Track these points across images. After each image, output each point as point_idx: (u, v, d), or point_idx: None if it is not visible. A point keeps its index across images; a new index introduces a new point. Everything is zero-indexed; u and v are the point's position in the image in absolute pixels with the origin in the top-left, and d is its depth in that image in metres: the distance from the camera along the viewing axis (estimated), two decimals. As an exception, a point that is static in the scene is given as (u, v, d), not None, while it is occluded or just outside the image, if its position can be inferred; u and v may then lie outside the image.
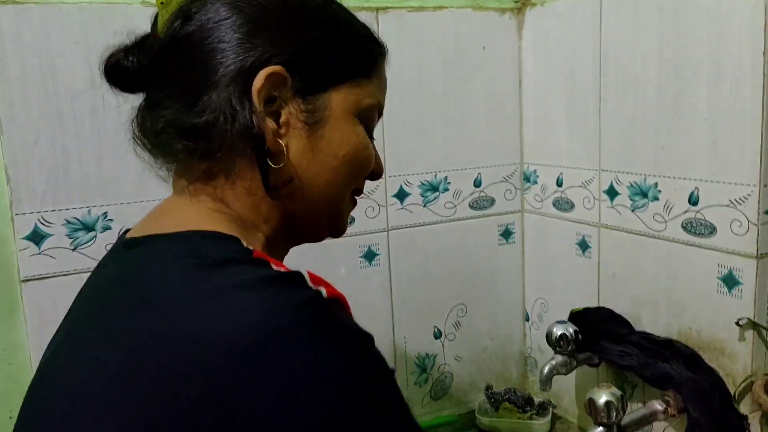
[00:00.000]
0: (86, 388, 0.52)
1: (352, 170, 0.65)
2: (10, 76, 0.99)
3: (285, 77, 0.58)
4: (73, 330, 0.59)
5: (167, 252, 0.56)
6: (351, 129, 0.63)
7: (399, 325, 1.35)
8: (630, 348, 1.13)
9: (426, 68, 1.31)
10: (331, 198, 0.65)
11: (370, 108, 0.65)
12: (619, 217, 1.20)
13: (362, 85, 0.64)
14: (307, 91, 0.60)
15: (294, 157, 0.61)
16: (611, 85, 1.18)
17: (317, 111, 0.61)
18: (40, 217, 1.04)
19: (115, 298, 0.55)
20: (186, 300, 0.50)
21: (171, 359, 0.47)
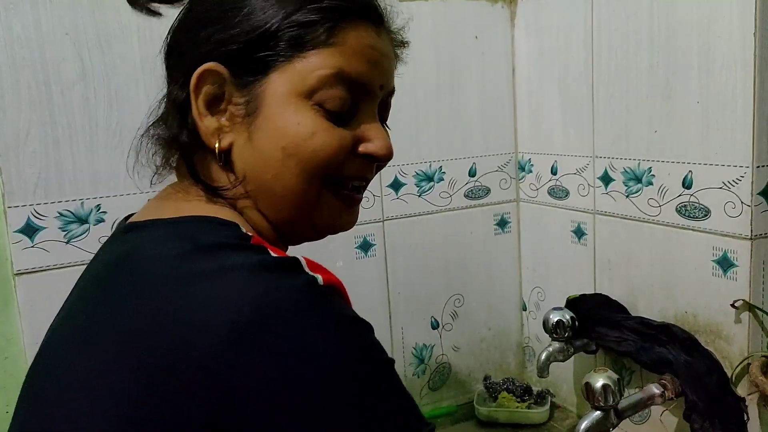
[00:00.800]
0: (81, 371, 0.52)
1: (300, 163, 0.57)
2: (1, 67, 0.99)
3: (219, 72, 0.56)
4: (69, 315, 0.58)
5: (164, 236, 0.55)
6: (291, 116, 0.56)
7: (396, 316, 1.35)
8: (627, 333, 1.13)
9: (419, 58, 1.30)
10: (290, 194, 0.58)
11: (325, 81, 0.56)
12: (614, 203, 1.20)
13: (310, 58, 0.56)
14: (244, 82, 0.57)
15: (239, 152, 0.58)
16: (603, 72, 1.18)
17: (254, 101, 0.57)
18: (33, 209, 1.03)
19: (110, 282, 0.55)
20: (178, 283, 0.49)
21: (162, 342, 0.47)
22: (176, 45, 0.60)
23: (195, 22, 0.59)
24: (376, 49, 0.59)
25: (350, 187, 0.61)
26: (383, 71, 0.60)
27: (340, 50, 0.57)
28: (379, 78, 0.60)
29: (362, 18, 0.59)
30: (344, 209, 0.62)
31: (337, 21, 0.57)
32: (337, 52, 0.57)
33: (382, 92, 0.61)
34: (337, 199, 0.60)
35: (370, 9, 0.60)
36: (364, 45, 0.58)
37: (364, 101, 0.60)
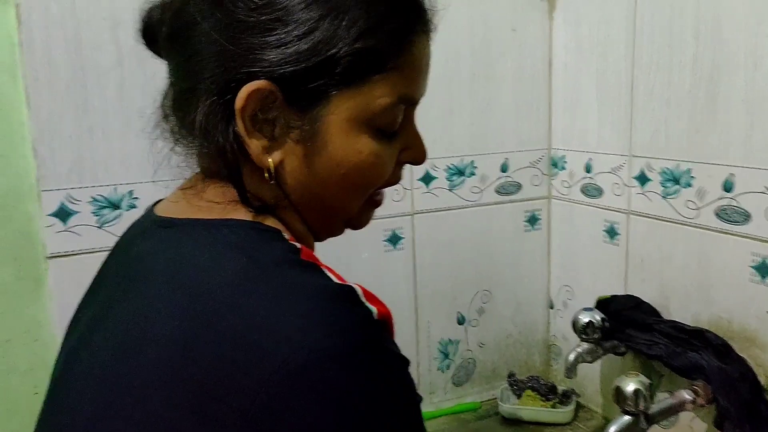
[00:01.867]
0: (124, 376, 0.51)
1: (356, 185, 0.58)
2: (36, 49, 0.99)
3: (271, 91, 0.52)
4: (109, 311, 0.57)
5: (212, 243, 0.54)
6: (352, 145, 0.55)
7: (422, 310, 1.34)
8: (658, 337, 1.11)
9: (453, 51, 1.28)
10: (339, 207, 0.60)
11: (385, 109, 0.54)
12: (650, 203, 1.17)
13: (373, 84, 0.54)
14: (299, 106, 0.53)
15: (292, 172, 0.56)
16: (644, 67, 1.15)
17: (312, 127, 0.54)
18: (67, 194, 1.04)
19: (155, 289, 0.53)
20: (241, 305, 0.48)
21: (220, 365, 0.46)
22: (211, 42, 0.53)
23: (239, 22, 0.52)
24: (428, 60, 0.58)
25: (381, 192, 0.62)
26: (428, 79, 0.60)
27: (403, 73, 0.55)
28: (425, 87, 0.60)
29: (422, 31, 0.57)
30: (372, 209, 0.64)
31: (402, 43, 0.54)
32: (400, 76, 0.55)
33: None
34: (370, 204, 0.62)
35: (429, 21, 0.58)
36: (422, 60, 0.57)
37: (411, 111, 0.60)
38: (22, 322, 1.06)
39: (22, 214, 1.03)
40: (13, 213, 1.03)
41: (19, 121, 1.01)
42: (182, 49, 0.56)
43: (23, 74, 0.99)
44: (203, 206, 0.57)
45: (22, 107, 1.00)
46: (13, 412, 1.06)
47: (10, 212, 1.03)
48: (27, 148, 1.01)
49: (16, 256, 1.04)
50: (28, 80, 0.99)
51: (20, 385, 1.07)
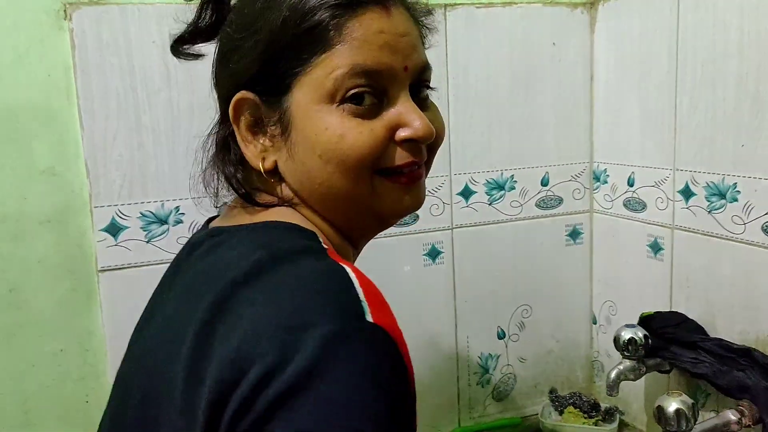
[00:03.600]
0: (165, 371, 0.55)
1: (340, 164, 0.58)
2: (91, 73, 1.04)
3: (250, 99, 0.60)
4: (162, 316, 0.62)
5: (245, 242, 0.58)
6: (318, 123, 0.57)
7: (462, 324, 1.34)
8: (703, 355, 1.08)
9: (494, 65, 1.29)
10: (343, 194, 0.60)
11: (341, 81, 0.56)
12: (695, 218, 1.15)
13: (321, 63, 0.57)
14: (272, 101, 0.60)
15: (286, 168, 0.61)
16: (688, 80, 1.14)
17: (284, 117, 0.59)
18: (117, 210, 1.08)
19: (198, 289, 0.57)
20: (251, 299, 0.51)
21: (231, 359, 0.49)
22: (215, 78, 0.65)
23: (223, 53, 0.63)
24: (387, 32, 0.58)
25: (406, 173, 0.61)
26: (402, 52, 0.58)
27: (349, 46, 0.56)
28: (400, 60, 0.58)
29: (366, 4, 0.57)
30: (405, 191, 0.61)
31: (340, 17, 0.56)
32: (347, 48, 0.56)
33: (409, 72, 0.59)
34: (394, 183, 0.61)
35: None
36: (373, 32, 0.57)
37: (392, 87, 0.59)
38: (75, 333, 1.10)
39: (76, 229, 1.08)
40: (68, 228, 1.08)
41: (73, 141, 1.06)
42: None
43: (77, 96, 1.04)
44: (250, 214, 0.62)
45: (76, 127, 1.05)
46: (66, 418, 1.11)
47: (65, 227, 1.07)
48: (80, 166, 1.06)
49: (71, 269, 1.09)
50: (82, 102, 1.04)
51: (73, 392, 1.11)
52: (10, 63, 1.01)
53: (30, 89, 1.02)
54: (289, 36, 0.57)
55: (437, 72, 1.22)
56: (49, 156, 1.05)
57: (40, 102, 1.03)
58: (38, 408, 1.09)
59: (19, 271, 1.06)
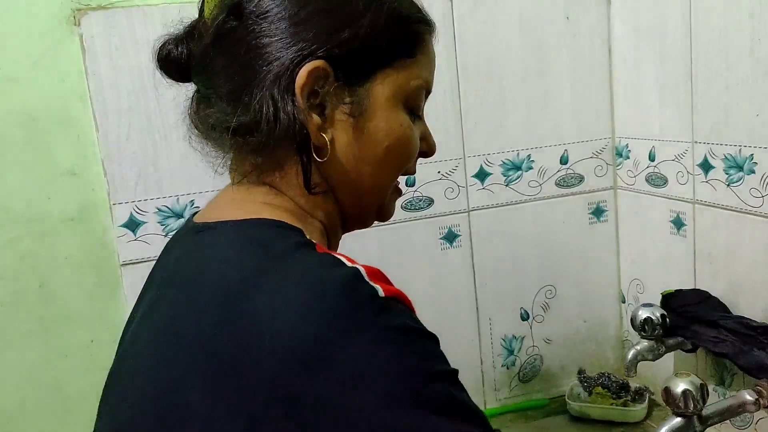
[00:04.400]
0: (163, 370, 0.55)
1: (397, 160, 0.64)
2: (102, 76, 1.08)
3: (327, 71, 0.58)
4: (149, 315, 0.62)
5: (235, 240, 0.58)
6: (395, 118, 0.62)
7: (483, 307, 1.34)
8: (724, 333, 1.04)
9: (504, 42, 1.27)
10: (378, 187, 0.65)
11: (417, 90, 0.63)
12: (714, 192, 1.11)
13: (407, 67, 0.62)
14: (351, 82, 0.60)
15: (340, 149, 0.61)
16: (702, 52, 1.09)
17: (361, 102, 0.60)
18: (135, 206, 1.13)
19: (191, 290, 0.57)
20: (254, 297, 0.51)
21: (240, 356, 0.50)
22: (265, 32, 0.59)
23: (312, 11, 0.59)
24: (435, 55, 0.66)
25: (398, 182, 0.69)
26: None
27: (425, 61, 0.64)
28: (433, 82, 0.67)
29: (432, 30, 0.65)
30: (395, 200, 0.70)
31: (426, 33, 0.64)
32: (424, 63, 0.64)
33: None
34: (396, 192, 0.69)
35: (432, 24, 0.66)
36: (433, 53, 0.66)
37: (423, 105, 0.67)
38: (103, 324, 1.16)
39: (98, 226, 1.13)
40: (91, 225, 1.13)
41: (90, 142, 1.11)
42: (231, 50, 0.60)
43: (91, 99, 1.09)
44: (235, 209, 0.61)
45: (92, 129, 1.10)
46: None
47: (88, 225, 1.13)
48: (98, 166, 1.11)
49: (96, 265, 1.15)
50: (95, 104, 1.09)
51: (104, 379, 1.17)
52: (27, 70, 1.06)
53: (46, 94, 1.08)
54: (393, 31, 0.61)
55: (445, 51, 1.22)
56: (69, 157, 1.10)
57: (56, 106, 1.09)
58: (73, 394, 1.16)
59: (48, 267, 1.12)
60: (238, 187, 0.64)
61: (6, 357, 1.11)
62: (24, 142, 1.08)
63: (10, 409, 1.13)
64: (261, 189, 0.62)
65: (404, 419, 0.47)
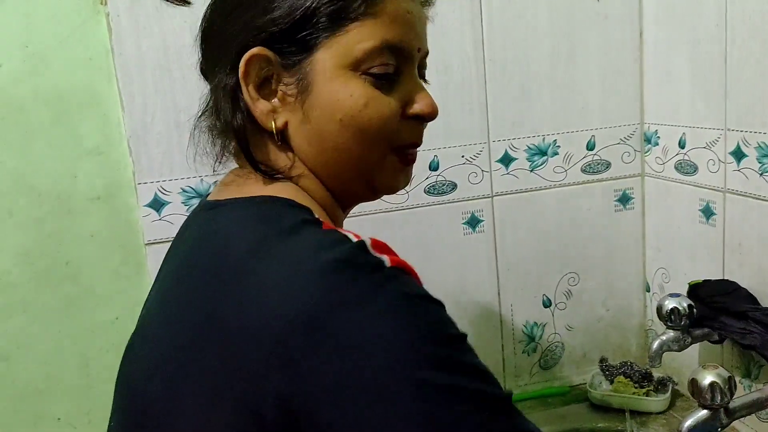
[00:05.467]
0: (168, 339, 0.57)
1: (360, 132, 0.60)
2: (129, 56, 1.08)
3: (265, 55, 0.58)
4: (163, 291, 0.64)
5: (244, 216, 0.59)
6: (343, 89, 0.58)
7: (505, 293, 1.33)
8: (753, 325, 1.03)
9: (532, 25, 1.24)
10: (355, 161, 0.62)
11: (370, 53, 0.58)
12: (747, 181, 1.08)
13: (351, 31, 0.58)
14: (293, 61, 0.59)
15: (296, 130, 0.61)
16: (737, 36, 1.06)
17: (305, 78, 0.59)
18: (160, 186, 1.13)
19: (196, 261, 0.59)
20: (257, 269, 0.52)
21: (242, 324, 0.50)
22: (217, 31, 0.62)
23: (233, 7, 0.61)
24: (412, 13, 0.61)
25: (408, 153, 0.65)
26: (419, 34, 0.62)
27: (381, 19, 0.59)
28: (417, 41, 0.62)
29: None
30: (402, 171, 0.66)
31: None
32: (378, 21, 0.58)
33: (420, 54, 0.63)
34: (400, 162, 0.64)
35: None
36: (402, 10, 0.60)
37: (406, 65, 0.62)
38: (128, 303, 1.17)
39: (123, 205, 1.14)
40: (116, 205, 1.14)
41: (116, 121, 1.11)
42: (204, 52, 0.66)
43: (117, 78, 1.09)
44: (244, 187, 0.63)
45: (118, 108, 1.10)
46: (123, 382, 1.19)
47: (114, 204, 1.14)
48: (124, 145, 1.12)
49: (121, 243, 1.16)
50: (121, 83, 1.09)
51: (129, 358, 1.19)
52: (54, 48, 1.07)
53: (73, 73, 1.08)
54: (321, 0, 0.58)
55: (473, 32, 1.20)
56: (95, 136, 1.11)
57: (83, 85, 1.09)
58: (98, 371, 1.18)
59: (73, 245, 1.13)
60: (239, 171, 0.66)
61: (32, 333, 1.13)
62: (50, 121, 1.09)
63: (37, 385, 1.14)
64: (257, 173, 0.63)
65: (413, 380, 0.47)
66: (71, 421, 1.17)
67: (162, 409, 0.55)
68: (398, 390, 0.47)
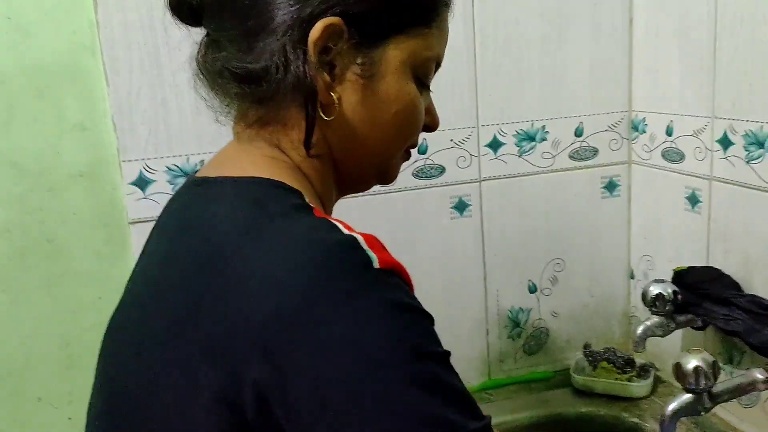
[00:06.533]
0: (151, 319, 0.56)
1: (403, 127, 0.63)
2: (114, 30, 1.06)
3: (342, 29, 0.57)
4: (149, 269, 0.63)
5: (232, 197, 0.58)
6: (404, 85, 0.61)
7: (491, 278, 1.33)
8: (737, 312, 1.04)
9: (523, 9, 1.24)
10: (381, 153, 0.64)
11: (428, 61, 0.63)
12: (733, 169, 1.09)
13: (422, 36, 0.61)
14: (364, 44, 0.58)
15: (347, 110, 0.60)
16: (727, 24, 1.06)
17: (373, 65, 0.59)
18: (145, 164, 1.12)
19: (183, 243, 0.58)
20: (245, 253, 0.51)
21: (227, 309, 0.49)
22: None
23: None
24: (448, 34, 0.66)
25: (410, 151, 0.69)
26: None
27: (440, 34, 0.63)
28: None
29: (449, 6, 0.65)
30: (401, 164, 0.69)
31: (444, 6, 0.63)
32: (437, 35, 0.63)
33: None
34: (403, 159, 0.69)
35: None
36: (447, 30, 0.65)
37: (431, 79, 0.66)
38: (111, 282, 1.15)
39: (107, 183, 1.12)
40: (100, 182, 1.12)
41: (100, 97, 1.09)
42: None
43: (102, 52, 1.07)
44: (235, 165, 0.61)
45: (102, 83, 1.08)
46: (105, 362, 1.17)
47: (97, 182, 1.12)
48: (108, 121, 1.10)
49: (105, 222, 1.14)
50: (107, 58, 1.07)
51: (111, 338, 1.17)
52: (37, 21, 1.04)
53: (57, 47, 1.06)
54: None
55: (464, 17, 1.20)
56: (79, 111, 1.09)
57: (67, 59, 1.07)
58: (80, 351, 1.16)
59: (56, 222, 1.11)
60: (238, 142, 0.64)
61: (13, 312, 1.11)
62: (33, 96, 1.06)
63: (17, 364, 1.13)
64: (261, 144, 0.61)
65: (382, 388, 0.46)
66: (52, 401, 1.15)
67: (142, 393, 0.55)
68: (367, 392, 0.46)
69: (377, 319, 0.48)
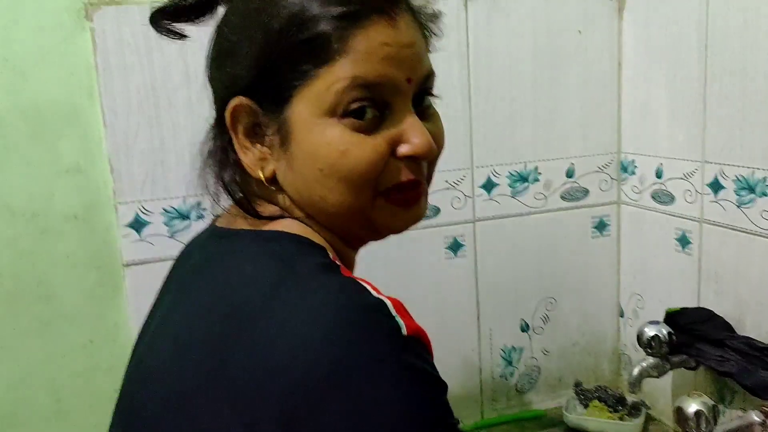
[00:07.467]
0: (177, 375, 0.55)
1: (342, 179, 0.56)
2: (113, 71, 1.06)
3: (249, 105, 0.57)
4: (166, 320, 0.62)
5: (257, 254, 0.57)
6: (318, 138, 0.56)
7: (484, 316, 1.34)
8: (730, 353, 1.06)
9: (516, 53, 1.26)
10: (342, 208, 0.58)
11: (341, 94, 0.54)
12: (724, 212, 1.12)
13: (326, 74, 0.55)
14: (272, 110, 0.57)
15: (284, 178, 0.59)
16: (717, 71, 1.10)
17: (285, 128, 0.57)
18: (141, 205, 1.10)
19: (204, 297, 0.58)
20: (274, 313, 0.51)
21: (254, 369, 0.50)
22: (209, 80, 0.63)
23: (218, 52, 0.61)
24: (391, 44, 0.55)
25: (406, 191, 0.59)
26: (406, 63, 0.57)
27: (352, 56, 0.54)
28: (403, 71, 0.56)
29: (371, 15, 0.55)
30: (401, 211, 0.60)
31: (344, 30, 0.54)
32: (349, 59, 0.54)
33: (413, 84, 0.58)
34: (390, 203, 0.59)
35: (377, 3, 0.55)
36: (377, 44, 0.55)
37: (394, 99, 0.57)
38: (103, 325, 1.13)
39: (102, 225, 1.11)
40: (94, 224, 1.10)
41: (97, 138, 1.08)
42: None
43: (100, 94, 1.06)
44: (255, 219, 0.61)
45: (99, 125, 1.07)
46: (96, 407, 1.14)
47: (92, 224, 1.10)
48: (104, 163, 1.08)
49: (98, 264, 1.12)
50: (104, 100, 1.06)
51: (102, 382, 1.15)
52: (35, 63, 1.03)
53: (54, 88, 1.05)
54: (287, 46, 0.55)
55: (459, 61, 1.22)
56: (74, 153, 1.08)
57: (64, 101, 1.06)
58: (70, 397, 1.13)
59: (48, 265, 1.09)
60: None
61: (2, 356, 1.08)
62: (28, 137, 1.05)
63: (5, 410, 1.09)
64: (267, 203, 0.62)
65: None
66: (38, 449, 1.12)
67: None
68: None
69: (403, 388, 0.49)
